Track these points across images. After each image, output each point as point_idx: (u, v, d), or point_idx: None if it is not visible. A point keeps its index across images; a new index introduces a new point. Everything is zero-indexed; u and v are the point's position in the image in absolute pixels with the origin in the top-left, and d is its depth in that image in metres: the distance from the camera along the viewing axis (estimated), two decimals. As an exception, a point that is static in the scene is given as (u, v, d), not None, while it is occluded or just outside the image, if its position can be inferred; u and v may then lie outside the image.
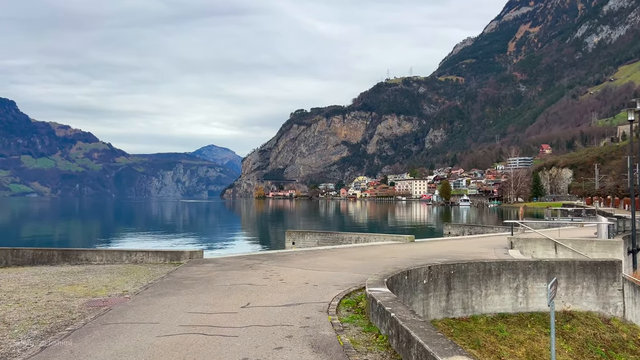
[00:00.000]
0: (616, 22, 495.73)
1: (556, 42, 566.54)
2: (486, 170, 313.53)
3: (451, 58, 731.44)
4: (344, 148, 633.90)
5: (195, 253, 14.71)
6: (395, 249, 17.16)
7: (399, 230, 55.55)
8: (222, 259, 14.81)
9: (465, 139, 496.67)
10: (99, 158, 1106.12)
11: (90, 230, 61.54)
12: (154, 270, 12.82)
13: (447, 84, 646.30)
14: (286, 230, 27.15)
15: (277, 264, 13.41)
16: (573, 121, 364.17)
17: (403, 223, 75.91)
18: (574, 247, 15.77)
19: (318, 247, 18.06)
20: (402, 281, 8.57)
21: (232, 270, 12.30)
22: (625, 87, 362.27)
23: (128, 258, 14.46)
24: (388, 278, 8.07)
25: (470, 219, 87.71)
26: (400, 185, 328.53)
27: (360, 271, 11.87)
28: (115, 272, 12.60)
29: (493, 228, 30.68)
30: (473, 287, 10.23)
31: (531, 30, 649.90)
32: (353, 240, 21.40)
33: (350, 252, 16.26)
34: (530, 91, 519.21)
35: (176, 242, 42.78)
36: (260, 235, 54.37)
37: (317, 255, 15.46)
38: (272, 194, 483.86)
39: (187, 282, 10.63)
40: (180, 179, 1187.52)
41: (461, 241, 20.81)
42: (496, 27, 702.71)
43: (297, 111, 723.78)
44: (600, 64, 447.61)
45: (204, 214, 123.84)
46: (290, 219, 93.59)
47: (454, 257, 14.74)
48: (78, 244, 41.20)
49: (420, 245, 18.78)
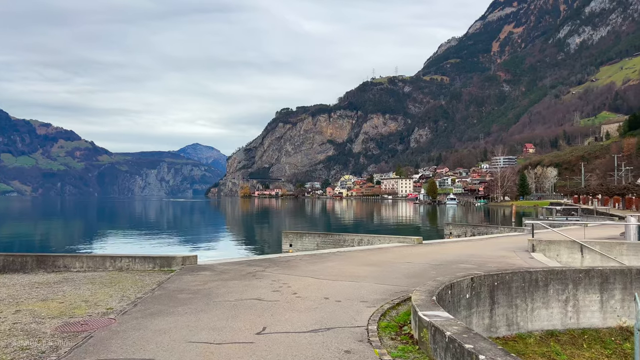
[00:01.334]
0: (598, 24, 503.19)
1: (539, 43, 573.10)
2: (471, 169, 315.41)
3: (436, 58, 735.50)
4: (329, 147, 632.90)
5: (188, 258, 13.09)
6: (406, 253, 15.73)
7: (398, 230, 54.12)
8: (219, 265, 13.13)
9: (450, 138, 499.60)
10: (81, 156, 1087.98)
11: (71, 232, 57.57)
12: (142, 279, 11.14)
13: (432, 84, 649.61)
14: (283, 231, 25.61)
15: (282, 272, 11.86)
16: (556, 121, 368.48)
17: (397, 223, 74.68)
18: (602, 250, 14.52)
19: (321, 251, 16.52)
20: (445, 297, 7.12)
21: (233, 280, 10.70)
22: (606, 87, 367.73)
23: (112, 265, 12.78)
24: (435, 295, 6.60)
25: (457, 218, 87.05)
26: (386, 184, 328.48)
27: (382, 281, 10.39)
28: (97, 282, 10.90)
29: (498, 228, 29.43)
30: (518, 300, 8.82)
31: (515, 31, 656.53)
32: (356, 242, 19.95)
33: (358, 256, 14.78)
34: (514, 91, 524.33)
35: (164, 244, 40.15)
36: (253, 236, 51.70)
37: (323, 260, 13.96)
38: (258, 193, 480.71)
39: (183, 297, 9.01)
40: (165, 177, 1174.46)
41: (471, 243, 19.47)
42: (480, 27, 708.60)
43: (283, 110, 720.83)
44: (582, 65, 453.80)
45: (191, 213, 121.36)
46: (280, 219, 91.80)
47: (477, 262, 13.37)
48: (56, 247, 37.36)
49: (431, 248, 17.38)
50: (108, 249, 35.67)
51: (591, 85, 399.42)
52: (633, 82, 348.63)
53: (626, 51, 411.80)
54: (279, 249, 27.06)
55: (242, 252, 33.65)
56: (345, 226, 65.58)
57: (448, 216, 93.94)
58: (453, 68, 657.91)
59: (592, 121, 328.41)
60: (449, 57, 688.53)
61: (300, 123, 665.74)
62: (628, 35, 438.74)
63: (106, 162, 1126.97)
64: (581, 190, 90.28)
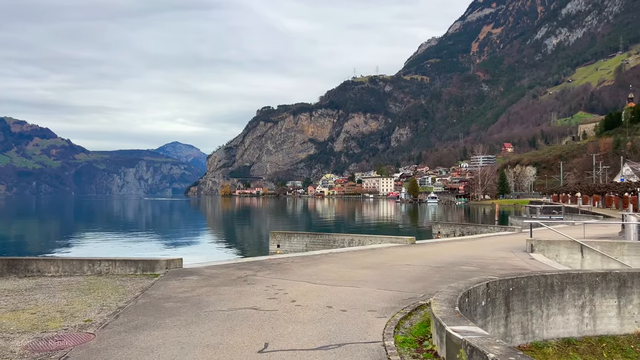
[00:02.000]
0: (574, 25, 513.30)
1: (517, 43, 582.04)
2: (451, 168, 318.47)
3: (416, 57, 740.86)
4: (311, 146, 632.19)
5: (172, 262, 12.24)
6: (402, 254, 15.12)
7: (386, 229, 53.51)
8: (206, 268, 12.29)
9: (430, 137, 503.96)
10: (58, 155, 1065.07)
11: (45, 233, 54.44)
12: (123, 285, 10.24)
13: (412, 83, 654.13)
14: (270, 232, 24.76)
15: (275, 276, 11.08)
16: (533, 120, 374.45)
17: (382, 222, 74.35)
18: (603, 250, 14.12)
19: (312, 252, 15.80)
20: (462, 305, 6.47)
21: (224, 286, 9.89)
22: (582, 87, 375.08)
23: (90, 269, 11.84)
24: (457, 304, 5.94)
25: (438, 217, 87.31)
26: (367, 182, 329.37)
27: (384, 286, 9.70)
28: (74, 288, 9.96)
29: (488, 227, 29.04)
30: (533, 306, 8.24)
31: (493, 32, 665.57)
32: (346, 242, 19.29)
33: (353, 258, 14.10)
34: (493, 91, 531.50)
35: (145, 246, 38.25)
36: (238, 237, 49.85)
37: (317, 262, 13.23)
38: (239, 191, 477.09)
39: (170, 306, 8.19)
40: (143, 176, 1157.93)
41: (465, 243, 18.97)
42: (460, 27, 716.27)
43: (264, 108, 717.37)
44: (559, 65, 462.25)
45: (171, 212, 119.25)
46: (263, 218, 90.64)
47: (478, 264, 12.82)
48: (30, 250, 35.10)
49: (426, 249, 16.79)
50: (86, 252, 33.69)
51: (567, 85, 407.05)
52: (608, 83, 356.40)
53: (601, 52, 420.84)
54: (265, 250, 26.26)
55: (228, 254, 32.13)
56: (331, 225, 64.85)
57: (429, 215, 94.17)
58: (433, 68, 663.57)
59: (568, 121, 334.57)
60: (429, 57, 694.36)
61: (281, 122, 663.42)
62: (603, 37, 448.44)
63: (83, 161, 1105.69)
64: (560, 189, 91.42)
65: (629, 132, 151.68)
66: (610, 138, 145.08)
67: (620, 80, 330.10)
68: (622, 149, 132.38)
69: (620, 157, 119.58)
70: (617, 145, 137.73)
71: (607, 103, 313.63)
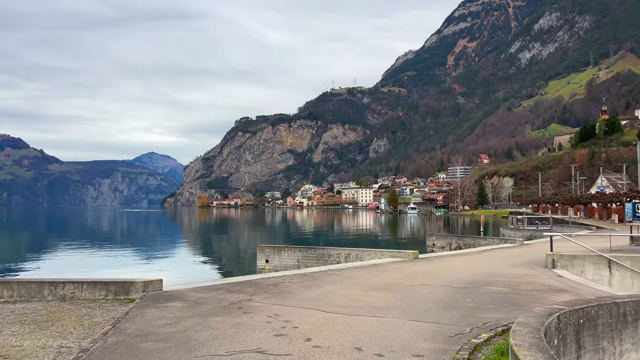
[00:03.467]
0: (546, 40, 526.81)
1: (492, 57, 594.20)
2: (428, 179, 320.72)
3: (394, 70, 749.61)
4: (289, 156, 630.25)
5: (151, 283, 10.41)
6: (410, 271, 13.57)
7: (377, 242, 51.79)
8: (191, 291, 10.42)
9: (408, 148, 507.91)
10: (30, 165, 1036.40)
11: (6, 248, 49.33)
12: (91, 315, 8.32)
13: (390, 95, 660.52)
14: (258, 245, 22.74)
15: (275, 301, 9.33)
16: (508, 132, 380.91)
17: (369, 233, 72.78)
18: (634, 265, 12.78)
19: (310, 270, 14.01)
20: (542, 347, 4.84)
21: (215, 316, 8.04)
22: (555, 100, 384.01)
23: (52, 292, 9.95)
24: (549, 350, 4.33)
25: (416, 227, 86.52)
26: (346, 193, 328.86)
27: (413, 315, 8.04)
28: (29, 320, 8.04)
29: (486, 239, 27.69)
30: (605, 342, 6.68)
31: (469, 45, 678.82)
32: (342, 257, 17.63)
33: (358, 277, 12.45)
34: (469, 103, 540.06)
35: (119, 262, 35.37)
36: (220, 251, 46.32)
37: (319, 282, 11.53)
38: (217, 202, 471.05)
39: (149, 348, 6.32)
40: (119, 187, 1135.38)
41: (472, 257, 17.50)
42: (436, 41, 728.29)
43: (242, 119, 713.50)
44: (533, 79, 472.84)
45: (147, 225, 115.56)
46: (244, 230, 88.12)
47: (504, 283, 11.29)
48: None
49: (433, 264, 15.25)
50: (50, 269, 30.00)
51: (541, 98, 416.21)
52: (579, 96, 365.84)
53: (573, 67, 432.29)
54: (253, 266, 24.29)
55: (213, 272, 29.34)
56: (318, 237, 62.90)
57: (407, 226, 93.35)
58: (410, 80, 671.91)
59: (542, 133, 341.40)
60: (406, 69, 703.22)
61: (260, 132, 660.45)
62: (574, 52, 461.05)
63: (57, 172, 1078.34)
64: (540, 200, 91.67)
65: (603, 143, 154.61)
66: (585, 150, 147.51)
67: (591, 94, 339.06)
68: (597, 160, 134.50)
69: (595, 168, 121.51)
70: (592, 157, 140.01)
71: (579, 115, 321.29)
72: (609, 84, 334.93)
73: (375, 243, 48.76)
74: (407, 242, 51.62)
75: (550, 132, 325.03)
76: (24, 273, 28.92)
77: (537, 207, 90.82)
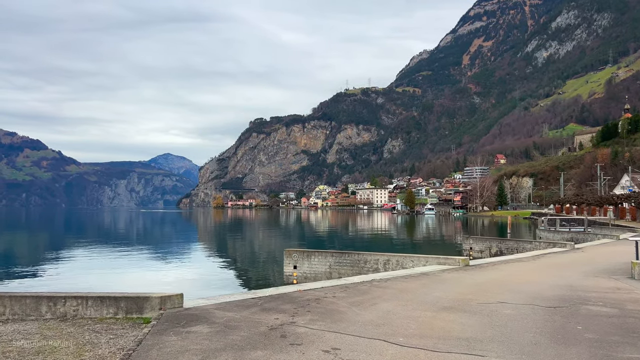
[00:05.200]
0: (563, 38, 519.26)
1: (508, 56, 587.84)
2: (444, 180, 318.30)
3: (408, 70, 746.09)
4: (303, 157, 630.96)
5: (169, 299, 8.81)
6: (469, 282, 12.60)
7: (405, 244, 49.85)
8: (218, 309, 8.90)
9: (423, 149, 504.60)
10: (48, 166, 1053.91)
11: (10, 254, 44.58)
12: (94, 342, 6.77)
13: (404, 95, 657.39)
14: (285, 249, 21.44)
15: (325, 325, 7.80)
16: (525, 132, 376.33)
17: (390, 234, 71.85)
18: None
19: (351, 280, 12.68)
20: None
21: (255, 350, 6.42)
22: (573, 100, 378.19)
23: (51, 310, 8.44)
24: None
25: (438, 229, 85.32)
26: (361, 194, 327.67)
27: (522, 353, 6.51)
28: (16, 348, 6.58)
29: (532, 243, 26.13)
30: None
31: (484, 44, 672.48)
32: (381, 263, 16.71)
33: (413, 290, 11.33)
34: (484, 103, 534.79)
35: (133, 264, 32.45)
36: (242, 255, 42.93)
37: (370, 298, 10.19)
38: (231, 203, 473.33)
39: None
40: (135, 188, 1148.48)
41: (530, 264, 16.05)
42: (451, 40, 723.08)
43: (257, 120, 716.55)
44: (550, 78, 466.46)
45: (164, 225, 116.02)
46: (262, 231, 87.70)
47: (602, 299, 10.29)
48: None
49: (493, 274, 14.19)
50: (51, 281, 26.33)
51: (558, 97, 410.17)
52: (598, 95, 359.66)
53: (591, 65, 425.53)
54: (279, 272, 23.39)
55: (237, 281, 26.21)
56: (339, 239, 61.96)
57: (429, 227, 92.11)
58: (425, 80, 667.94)
59: (560, 133, 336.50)
60: (421, 69, 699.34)
61: (274, 133, 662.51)
62: (592, 50, 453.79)
63: (74, 172, 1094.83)
64: (563, 200, 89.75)
65: (626, 142, 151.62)
66: (607, 149, 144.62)
67: (611, 93, 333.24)
68: (620, 159, 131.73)
69: (618, 168, 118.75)
70: (615, 156, 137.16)
71: (598, 115, 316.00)
72: (628, 82, 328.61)
73: (405, 246, 47.23)
74: (437, 245, 50.12)
75: (568, 131, 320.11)
76: (24, 283, 25.62)
77: (561, 208, 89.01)
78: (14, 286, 25.27)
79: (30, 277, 28.10)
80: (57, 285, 24.76)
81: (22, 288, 23.77)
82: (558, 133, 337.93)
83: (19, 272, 30.35)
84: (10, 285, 24.66)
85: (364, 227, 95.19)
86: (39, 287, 24.00)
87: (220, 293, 20.56)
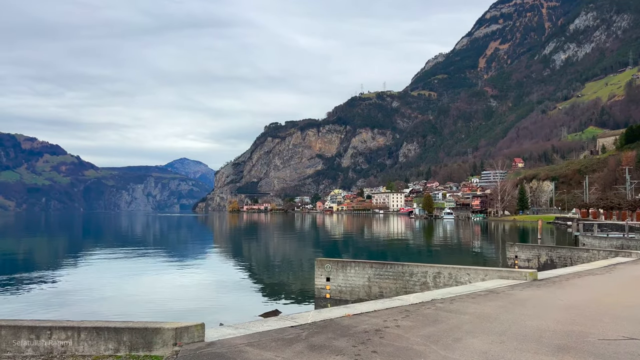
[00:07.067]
0: (582, 40, 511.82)
1: (525, 59, 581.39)
2: (461, 184, 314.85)
3: (423, 73, 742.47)
4: (318, 161, 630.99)
5: (186, 331, 6.89)
6: (563, 305, 10.85)
7: (435, 252, 46.89)
8: (250, 345, 6.95)
9: (439, 152, 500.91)
10: (67, 171, 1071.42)
11: (11, 264, 39.31)
12: None
13: (419, 99, 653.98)
14: (316, 259, 19.25)
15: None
16: (543, 135, 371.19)
17: (407, 240, 70.62)
18: None
19: (407, 300, 10.94)
20: None
21: None
22: (592, 102, 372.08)
23: (32, 344, 6.69)
24: None
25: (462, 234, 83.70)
26: (377, 198, 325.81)
27: None
28: None
29: (588, 251, 23.38)
30: None
31: (501, 47, 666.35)
32: (430, 276, 14.89)
33: (494, 316, 9.36)
34: (501, 106, 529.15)
35: (148, 278, 28.66)
36: (264, 264, 39.29)
37: (445, 329, 8.18)
38: (247, 207, 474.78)
39: None
40: (151, 192, 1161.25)
41: (607, 277, 14.40)
42: (467, 43, 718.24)
43: (272, 124, 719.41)
44: (568, 81, 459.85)
45: (180, 230, 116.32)
46: (279, 236, 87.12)
47: None
48: None
49: (575, 292, 12.49)
50: (48, 296, 22.25)
51: (577, 100, 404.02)
52: (618, 97, 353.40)
53: (610, 67, 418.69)
54: (309, 285, 21.28)
55: (264, 299, 21.66)
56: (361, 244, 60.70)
57: (439, 232, 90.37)
58: (440, 84, 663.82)
59: (579, 136, 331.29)
60: (437, 72, 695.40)
61: (289, 137, 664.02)
62: (612, 52, 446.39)
63: (92, 177, 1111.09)
64: (589, 204, 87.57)
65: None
66: (633, 152, 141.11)
67: (631, 95, 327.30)
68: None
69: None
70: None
71: (619, 117, 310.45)
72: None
73: (438, 254, 44.30)
74: (473, 252, 47.23)
75: (588, 134, 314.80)
76: (7, 310, 20.03)
77: (587, 212, 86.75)
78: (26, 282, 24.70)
79: (37, 282, 26.32)
80: (60, 293, 22.41)
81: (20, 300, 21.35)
82: (577, 136, 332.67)
83: (29, 276, 28.89)
84: (26, 283, 23.91)
85: (384, 231, 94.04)
86: (42, 296, 21.79)
87: (244, 308, 17.61)
